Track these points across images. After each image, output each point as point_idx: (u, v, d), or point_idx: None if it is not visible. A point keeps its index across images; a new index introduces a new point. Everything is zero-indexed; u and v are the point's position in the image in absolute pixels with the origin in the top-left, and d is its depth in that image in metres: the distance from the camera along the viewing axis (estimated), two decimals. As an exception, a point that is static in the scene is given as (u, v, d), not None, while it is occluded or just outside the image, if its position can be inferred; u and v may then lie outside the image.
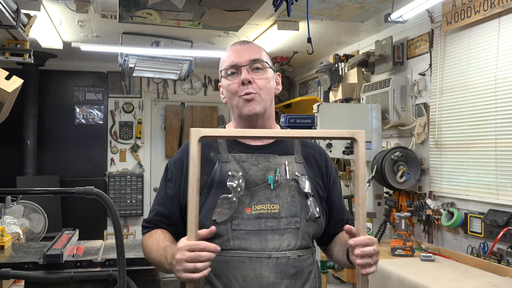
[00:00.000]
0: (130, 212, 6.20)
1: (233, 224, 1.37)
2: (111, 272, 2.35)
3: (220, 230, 1.36)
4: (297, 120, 4.54)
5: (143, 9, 2.82)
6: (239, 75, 1.45)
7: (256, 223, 1.37)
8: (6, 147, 5.84)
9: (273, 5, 2.55)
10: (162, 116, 6.64)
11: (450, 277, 2.49)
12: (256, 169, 1.42)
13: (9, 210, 3.55)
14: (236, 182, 1.39)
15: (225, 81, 1.49)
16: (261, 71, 1.47)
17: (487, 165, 3.05)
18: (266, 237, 1.37)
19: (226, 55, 1.51)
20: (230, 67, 1.47)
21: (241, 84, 1.44)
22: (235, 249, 1.36)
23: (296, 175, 1.44)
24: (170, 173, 1.52)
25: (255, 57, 1.46)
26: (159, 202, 1.52)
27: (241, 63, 1.45)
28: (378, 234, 3.44)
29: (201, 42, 4.84)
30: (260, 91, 1.45)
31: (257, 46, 1.52)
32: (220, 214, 1.37)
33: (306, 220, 1.41)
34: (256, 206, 1.39)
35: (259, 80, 1.45)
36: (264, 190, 1.40)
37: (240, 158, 1.44)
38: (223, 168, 1.42)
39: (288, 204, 1.40)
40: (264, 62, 1.48)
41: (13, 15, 3.08)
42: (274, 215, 1.39)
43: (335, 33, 4.45)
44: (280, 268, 1.36)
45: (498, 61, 2.96)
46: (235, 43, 1.53)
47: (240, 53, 1.47)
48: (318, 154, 1.55)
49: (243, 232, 1.36)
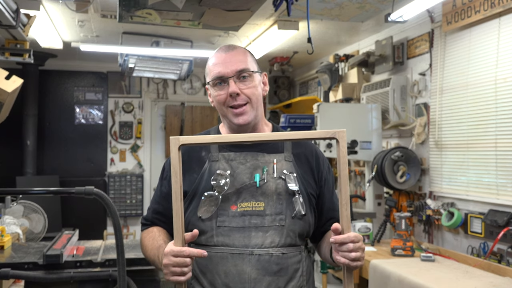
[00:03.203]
0: (130, 212, 6.20)
1: (218, 221, 1.41)
2: (111, 272, 2.35)
3: (205, 226, 1.41)
4: (297, 120, 4.54)
5: (143, 9, 2.82)
6: (227, 86, 1.46)
7: (240, 220, 1.41)
8: (6, 147, 5.84)
9: (273, 5, 2.55)
10: (162, 116, 6.64)
11: (450, 277, 2.49)
12: (244, 167, 1.46)
13: (9, 210, 3.54)
14: (223, 181, 1.42)
15: (213, 91, 1.50)
16: (248, 79, 1.48)
17: (487, 165, 3.05)
18: (250, 234, 1.40)
19: (211, 64, 1.50)
20: (217, 78, 1.47)
21: (229, 96, 1.46)
22: (219, 245, 1.40)
23: (284, 173, 1.46)
24: (165, 172, 1.56)
25: (241, 67, 1.46)
26: (155, 200, 1.58)
27: (227, 74, 1.45)
28: (378, 234, 3.44)
29: (201, 42, 4.85)
30: (249, 100, 1.47)
31: (242, 51, 1.51)
32: (205, 211, 1.41)
33: (291, 218, 1.43)
34: (242, 203, 1.42)
35: (247, 90, 1.47)
36: (250, 188, 1.43)
37: (229, 157, 1.47)
38: (212, 167, 1.46)
39: (274, 201, 1.43)
40: (250, 71, 1.48)
41: (13, 15, 3.08)
42: (259, 213, 1.41)
43: (335, 33, 4.45)
44: (262, 265, 1.38)
45: (498, 61, 2.96)
46: (220, 50, 1.51)
47: (226, 63, 1.46)
48: (309, 152, 1.57)
49: (227, 229, 1.40)
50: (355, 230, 3.34)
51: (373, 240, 3.39)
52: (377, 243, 3.41)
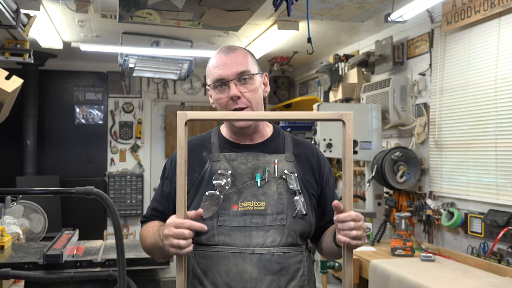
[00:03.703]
0: (130, 212, 6.20)
1: (219, 220, 1.41)
2: (111, 272, 2.35)
3: (207, 226, 1.40)
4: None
5: (143, 9, 2.82)
6: (227, 88, 1.46)
7: (242, 219, 1.41)
8: (6, 147, 5.83)
9: (273, 5, 2.55)
10: (162, 116, 6.64)
11: (450, 277, 2.49)
12: (245, 167, 1.46)
13: (9, 210, 3.54)
14: (224, 181, 1.43)
15: (214, 93, 1.51)
16: (249, 81, 1.48)
17: (487, 165, 3.05)
18: (251, 233, 1.40)
19: (212, 65, 1.50)
20: (218, 80, 1.47)
21: (230, 99, 1.46)
22: (220, 245, 1.40)
23: (285, 173, 1.47)
24: (167, 172, 1.57)
25: (242, 69, 1.46)
26: (156, 199, 1.59)
27: (228, 77, 1.46)
28: (378, 234, 3.44)
29: (201, 42, 4.85)
30: (250, 103, 1.47)
31: (243, 53, 1.51)
32: (206, 210, 1.41)
33: (292, 217, 1.44)
34: (243, 203, 1.43)
35: (248, 93, 1.47)
36: (251, 188, 1.44)
37: (230, 157, 1.48)
38: (213, 166, 1.47)
39: (275, 201, 1.44)
40: (251, 74, 1.48)
41: (13, 15, 3.08)
42: (260, 212, 1.42)
43: (335, 33, 4.45)
44: (263, 264, 1.38)
45: (498, 61, 2.96)
46: (220, 52, 1.52)
47: (226, 66, 1.46)
48: (310, 153, 1.58)
49: (228, 228, 1.41)
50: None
51: (373, 240, 3.39)
52: (377, 243, 3.41)
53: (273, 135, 1.57)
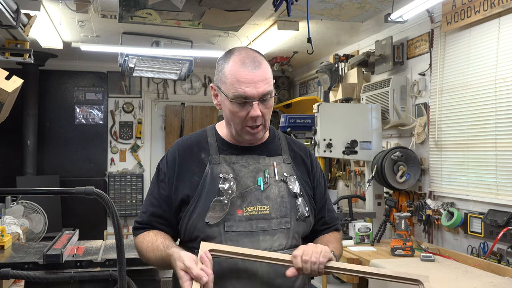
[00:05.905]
0: (130, 212, 6.20)
1: (226, 226, 1.39)
2: (111, 272, 2.35)
3: (213, 232, 1.39)
4: (297, 120, 4.54)
5: (143, 9, 2.82)
6: (249, 106, 1.38)
7: (247, 224, 1.40)
8: (6, 147, 5.84)
9: (273, 5, 2.55)
10: (162, 116, 6.64)
11: (450, 277, 2.49)
12: (247, 170, 1.45)
13: (9, 210, 3.55)
14: (228, 185, 1.41)
15: (230, 105, 1.40)
16: (269, 101, 1.42)
17: (487, 165, 3.05)
18: (258, 238, 1.40)
19: (235, 77, 1.38)
20: (242, 97, 1.37)
21: (249, 117, 1.40)
22: None
23: (284, 176, 1.48)
24: (163, 173, 1.49)
25: (267, 90, 1.39)
26: (152, 203, 1.49)
27: (254, 98, 1.37)
28: (378, 234, 3.44)
29: (201, 42, 4.85)
30: (265, 121, 1.44)
31: (268, 69, 1.42)
32: (212, 217, 1.39)
33: (296, 220, 1.45)
34: (247, 207, 1.41)
35: (265, 111, 1.42)
36: (254, 192, 1.43)
37: (230, 159, 1.46)
38: (214, 170, 1.44)
39: (278, 205, 1.44)
40: (273, 94, 1.42)
41: (13, 15, 3.09)
42: (265, 216, 1.42)
43: (335, 33, 4.45)
44: (273, 268, 1.38)
45: (498, 61, 2.96)
46: (244, 64, 1.39)
47: (254, 83, 1.37)
48: (304, 153, 1.59)
49: (235, 233, 1.39)
50: (355, 230, 3.34)
51: (373, 240, 3.39)
52: (377, 243, 3.41)
53: (270, 137, 1.56)
